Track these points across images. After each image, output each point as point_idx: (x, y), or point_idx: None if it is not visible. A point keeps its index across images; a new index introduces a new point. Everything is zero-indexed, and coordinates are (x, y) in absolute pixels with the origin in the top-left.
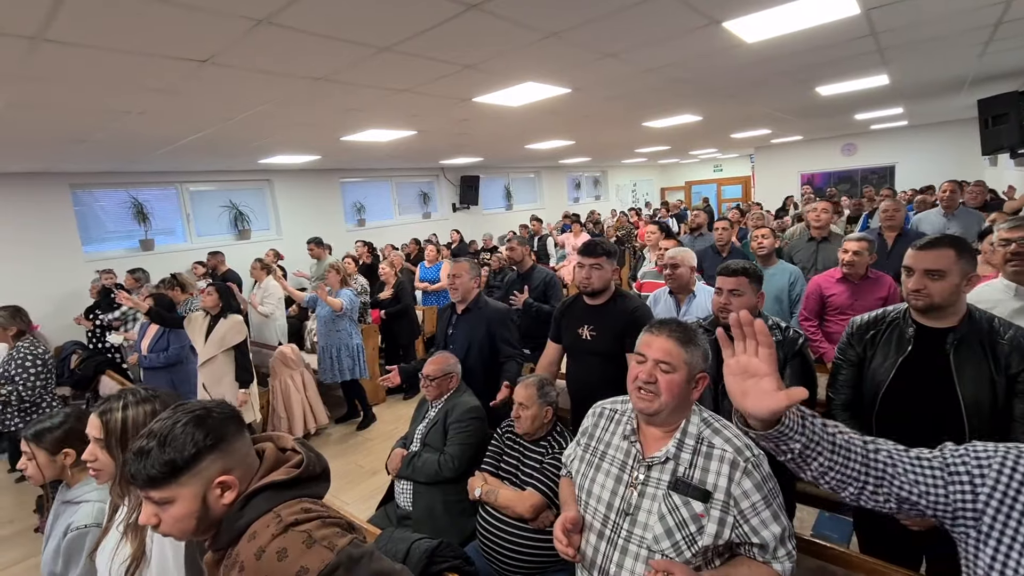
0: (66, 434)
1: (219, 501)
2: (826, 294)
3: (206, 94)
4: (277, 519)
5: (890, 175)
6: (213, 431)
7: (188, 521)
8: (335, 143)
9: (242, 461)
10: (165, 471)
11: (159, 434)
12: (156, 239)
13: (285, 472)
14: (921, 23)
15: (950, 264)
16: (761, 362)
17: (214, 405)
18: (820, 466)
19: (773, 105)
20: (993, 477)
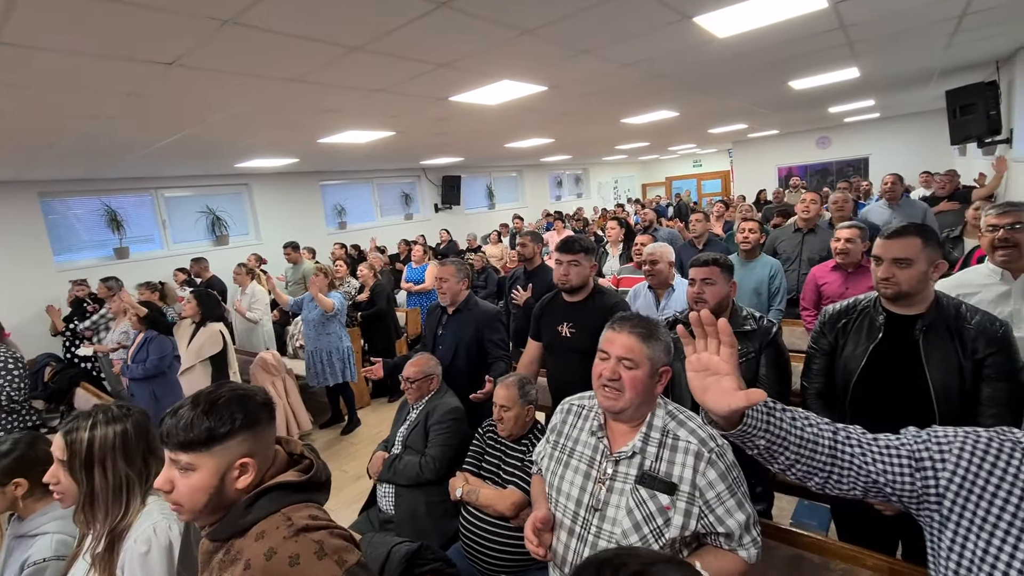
0: (16, 463)
1: (234, 483)
2: (820, 283)
3: (176, 97)
4: (287, 522)
5: (864, 167)
6: (251, 413)
7: (202, 495)
8: (312, 145)
9: (264, 450)
10: (202, 437)
11: (203, 402)
12: (131, 247)
13: (296, 475)
14: (888, 16)
15: (917, 252)
16: (722, 361)
17: (256, 390)
18: (786, 459)
19: (748, 99)
20: (953, 462)
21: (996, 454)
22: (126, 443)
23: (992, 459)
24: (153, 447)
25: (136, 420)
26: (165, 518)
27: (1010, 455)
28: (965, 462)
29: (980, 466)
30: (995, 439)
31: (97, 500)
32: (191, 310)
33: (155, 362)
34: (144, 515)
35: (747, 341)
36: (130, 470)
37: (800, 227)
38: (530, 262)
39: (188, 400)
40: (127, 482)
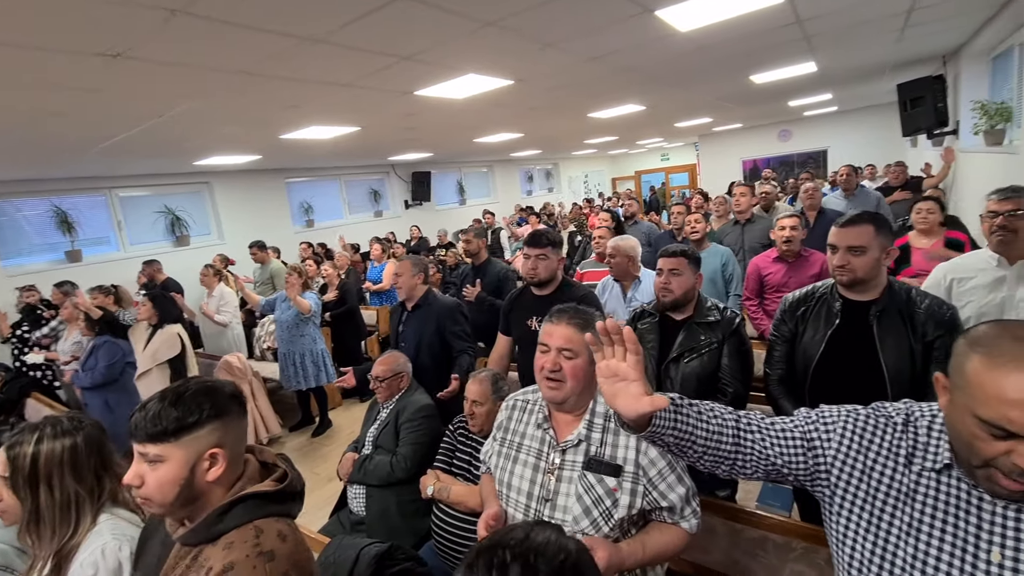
0: None
1: (204, 475)
2: (763, 273)
3: (126, 92)
4: (256, 538)
5: (823, 159)
6: (219, 403)
7: (172, 487)
8: (275, 141)
9: (235, 443)
10: (170, 427)
11: (170, 394)
12: (84, 250)
13: (271, 485)
14: (841, 10)
15: (870, 239)
16: (629, 367)
17: (222, 383)
18: (695, 452)
19: (711, 93)
20: (836, 439)
21: (872, 430)
22: (75, 458)
23: (869, 434)
24: (107, 462)
25: (88, 434)
26: (116, 539)
27: (884, 430)
28: (847, 439)
29: (860, 442)
30: (871, 416)
31: (43, 519)
32: (147, 312)
33: (103, 370)
34: (94, 535)
35: (710, 331)
36: (80, 487)
37: (738, 220)
38: (476, 257)
39: (156, 395)
40: (76, 500)
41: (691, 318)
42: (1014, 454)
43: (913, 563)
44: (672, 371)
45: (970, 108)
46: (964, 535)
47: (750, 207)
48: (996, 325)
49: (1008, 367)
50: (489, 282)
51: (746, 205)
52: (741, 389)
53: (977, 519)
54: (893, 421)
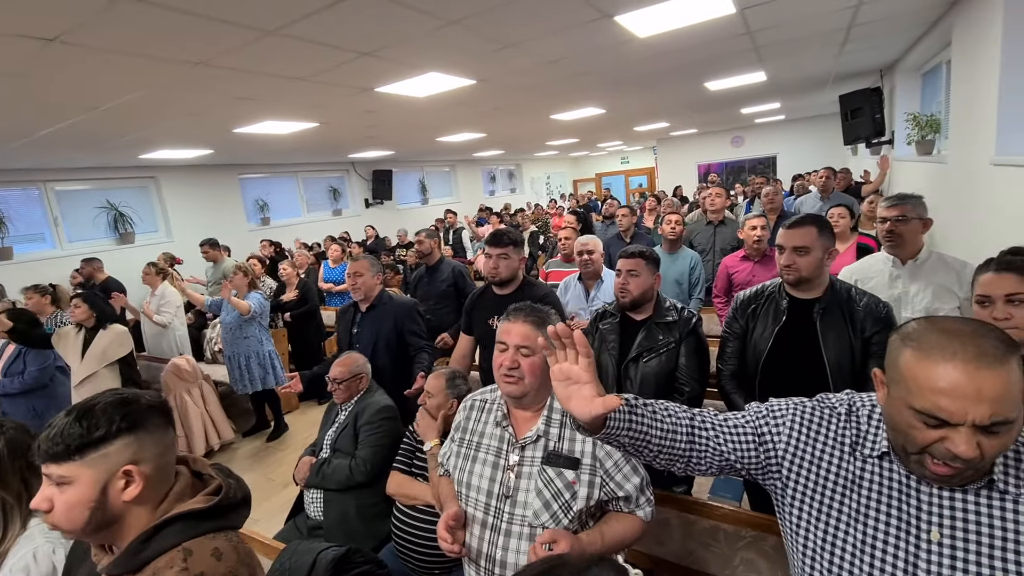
0: None
1: (120, 495)
2: (731, 272)
3: (61, 78)
4: (183, 562)
5: (772, 164)
6: (132, 415)
7: (81, 510)
8: (227, 135)
9: (156, 459)
10: (71, 445)
11: (77, 410)
12: (16, 247)
13: (203, 500)
14: (788, 24)
15: (813, 240)
16: (582, 370)
17: (146, 394)
18: (650, 452)
19: (668, 99)
20: (786, 432)
21: (819, 420)
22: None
23: (816, 425)
24: (34, 466)
25: (10, 437)
26: (48, 542)
27: (829, 420)
28: (796, 431)
29: (807, 433)
30: (817, 407)
31: None
32: (83, 314)
33: (34, 374)
34: (24, 539)
35: (668, 331)
36: (6, 493)
37: (711, 220)
38: (428, 257)
39: (65, 410)
40: (3, 506)
41: (651, 318)
42: (947, 441)
43: (862, 547)
44: (632, 371)
45: (904, 119)
46: (907, 517)
47: (723, 208)
48: (925, 321)
49: (936, 359)
50: (443, 280)
51: (720, 206)
52: (698, 388)
53: (917, 501)
54: (837, 412)
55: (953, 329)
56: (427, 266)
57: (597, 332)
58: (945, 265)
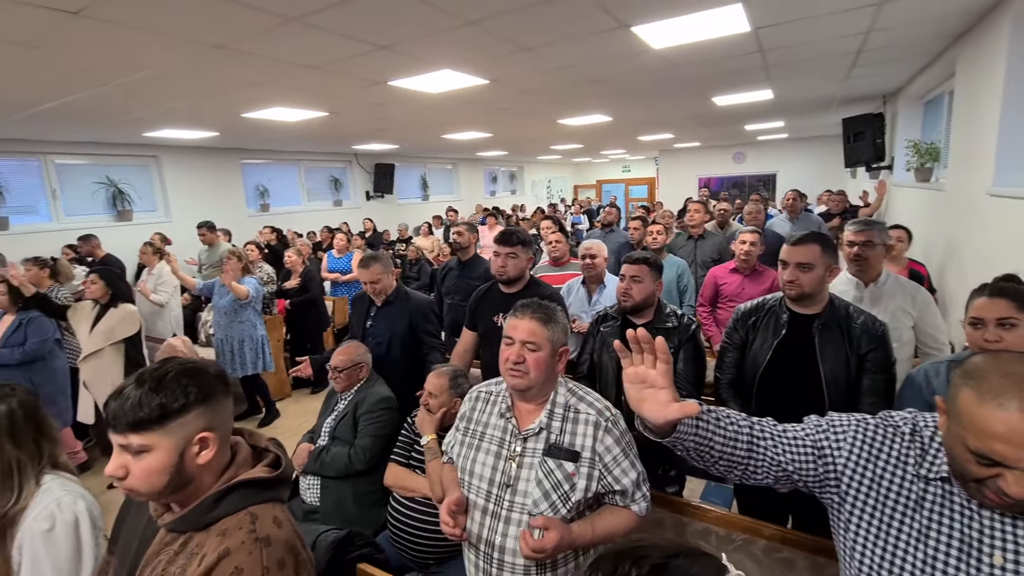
0: None
1: (195, 460)
2: (719, 283)
3: (78, 52)
4: (251, 524)
5: (773, 182)
6: (205, 386)
7: (160, 476)
8: (235, 119)
9: (223, 425)
10: (154, 414)
11: (149, 379)
12: (11, 217)
13: (265, 471)
14: (800, 44)
15: (816, 257)
16: (659, 375)
17: (205, 363)
18: (711, 458)
19: (675, 111)
20: (847, 448)
21: (882, 439)
22: (13, 424)
23: (879, 444)
24: (44, 427)
25: (22, 399)
26: (68, 494)
27: (892, 439)
28: (858, 448)
29: (869, 451)
30: (880, 425)
31: None
32: (99, 291)
33: (36, 345)
34: (42, 494)
35: (667, 337)
36: (20, 453)
37: (691, 234)
38: (464, 252)
39: (132, 379)
40: (17, 465)
41: (651, 323)
42: (999, 479)
43: (923, 568)
44: None
45: (904, 146)
46: (969, 540)
47: (703, 223)
48: (988, 358)
49: (994, 403)
50: (478, 277)
51: (699, 220)
52: (695, 393)
53: (979, 524)
54: (901, 431)
55: (1014, 373)
56: (460, 260)
57: (598, 334)
58: (901, 288)
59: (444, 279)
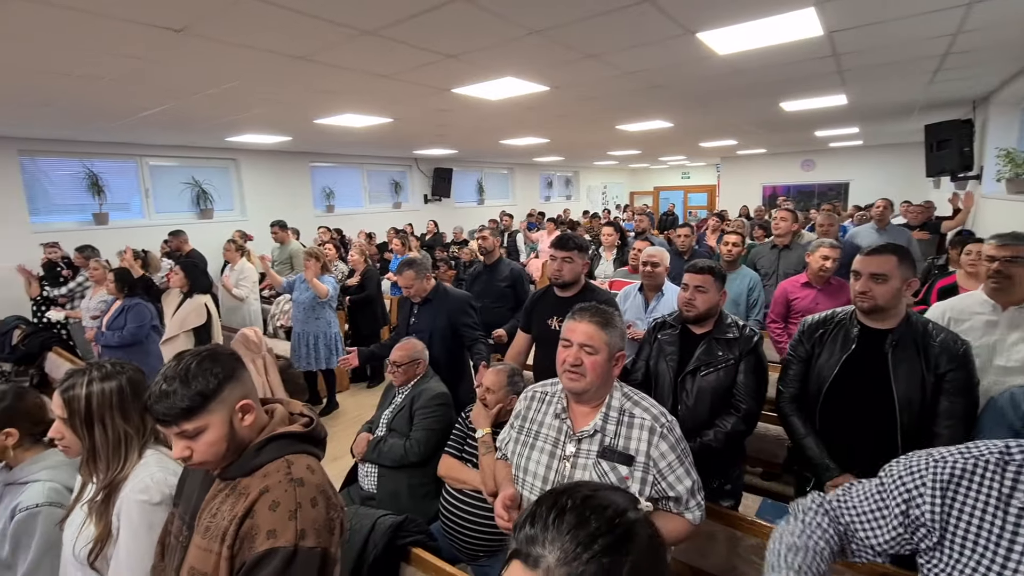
0: (5, 413)
1: (242, 424)
2: (791, 298)
3: (180, 64)
4: (287, 467)
5: (845, 191)
6: (225, 365)
7: (220, 445)
8: (308, 125)
9: (252, 390)
10: (197, 401)
11: (177, 375)
12: (111, 213)
13: (300, 426)
14: (878, 48)
15: (892, 269)
16: None
17: (215, 346)
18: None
19: (740, 117)
20: (929, 493)
21: (961, 472)
22: (123, 400)
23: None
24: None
25: (131, 377)
26: (162, 470)
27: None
28: (940, 489)
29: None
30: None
31: (99, 454)
32: (179, 282)
33: (133, 330)
34: (141, 467)
35: (728, 347)
36: (127, 426)
37: (776, 244)
38: (489, 255)
39: (160, 380)
40: (125, 437)
41: (711, 333)
42: None
43: None
44: (688, 383)
45: (995, 155)
46: None
47: (790, 231)
48: None
49: None
50: (502, 279)
51: (786, 229)
52: (754, 407)
53: None
54: (984, 460)
55: None
56: (485, 264)
57: (656, 342)
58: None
59: (474, 283)
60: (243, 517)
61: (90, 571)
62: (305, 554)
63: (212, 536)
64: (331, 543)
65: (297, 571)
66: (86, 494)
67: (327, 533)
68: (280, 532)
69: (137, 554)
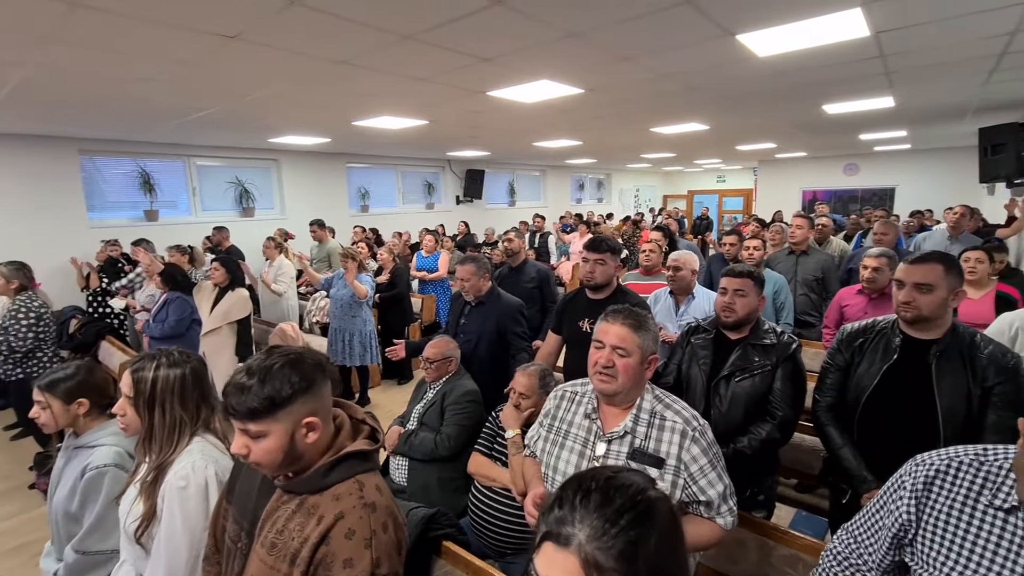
0: (79, 385)
1: (304, 440)
2: (843, 305)
3: (229, 69)
4: (360, 491)
5: (890, 197)
6: (306, 375)
7: (276, 454)
8: (346, 127)
9: (324, 407)
10: (265, 405)
11: (258, 372)
12: (161, 211)
13: (366, 444)
14: (928, 48)
15: (938, 278)
16: None
17: (306, 351)
18: None
19: (780, 119)
20: (908, 495)
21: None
22: (183, 387)
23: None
24: (206, 394)
25: (194, 367)
26: (204, 458)
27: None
28: (917, 491)
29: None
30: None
31: (155, 436)
32: (221, 277)
33: (173, 324)
34: (186, 454)
35: (765, 354)
36: (184, 413)
37: (793, 250)
38: (515, 257)
39: (242, 370)
40: (180, 423)
41: (746, 339)
42: None
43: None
44: (722, 388)
45: None
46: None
47: (806, 239)
48: None
49: None
50: (527, 281)
51: (802, 236)
52: (791, 415)
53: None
54: (958, 460)
55: None
56: (510, 266)
57: (688, 346)
58: None
59: (500, 284)
60: (317, 544)
61: (136, 547)
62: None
63: (280, 555)
64: (400, 564)
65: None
66: (140, 472)
67: (396, 556)
68: (356, 561)
69: (174, 541)
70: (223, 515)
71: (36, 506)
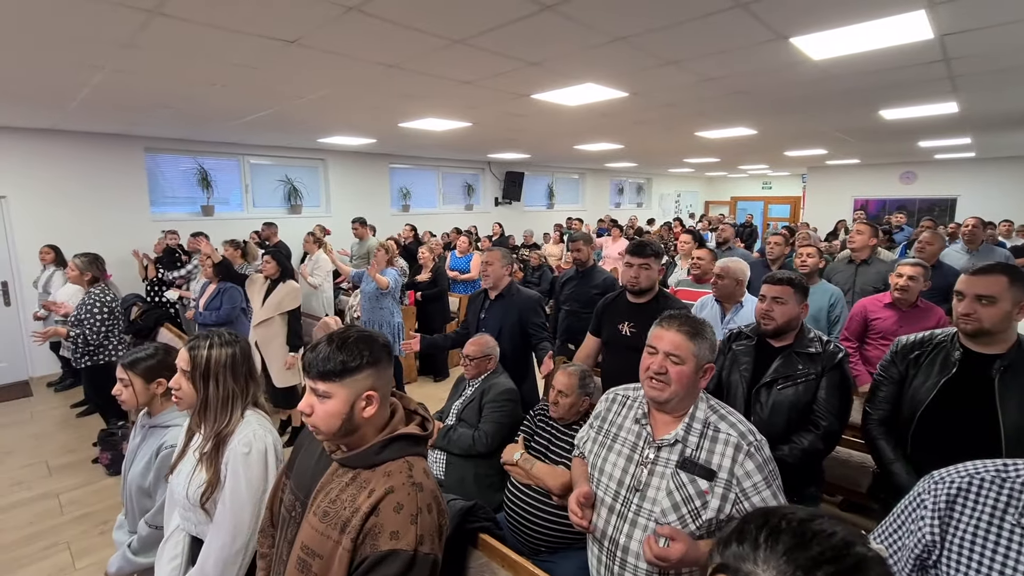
0: (159, 365)
1: (361, 412)
2: (871, 317)
3: (284, 73)
4: (409, 470)
5: (951, 208)
6: (375, 352)
7: (335, 419)
8: (392, 128)
9: (385, 386)
10: (336, 368)
11: (336, 340)
12: (216, 206)
13: (418, 428)
14: (997, 53)
15: (1002, 290)
16: None
17: (377, 334)
18: None
19: (833, 124)
20: (929, 515)
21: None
22: (234, 364)
23: (962, 500)
24: (253, 371)
25: (242, 347)
26: (262, 427)
27: (978, 492)
28: (940, 510)
29: (953, 507)
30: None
31: (209, 408)
32: (272, 269)
33: (227, 311)
34: (244, 424)
35: (810, 362)
36: (235, 386)
37: (853, 259)
38: (583, 264)
39: (324, 338)
40: (232, 396)
41: (790, 347)
42: None
43: None
44: (763, 396)
45: None
46: None
47: (866, 247)
48: None
49: None
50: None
51: (862, 244)
52: (836, 425)
53: None
54: (979, 477)
55: None
56: (579, 269)
57: (729, 352)
58: None
59: (563, 287)
60: (368, 513)
61: (200, 512)
62: (422, 559)
63: (331, 523)
64: (440, 548)
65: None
66: (193, 443)
67: (437, 538)
68: (403, 535)
69: (239, 501)
70: (282, 488)
71: (99, 479)
